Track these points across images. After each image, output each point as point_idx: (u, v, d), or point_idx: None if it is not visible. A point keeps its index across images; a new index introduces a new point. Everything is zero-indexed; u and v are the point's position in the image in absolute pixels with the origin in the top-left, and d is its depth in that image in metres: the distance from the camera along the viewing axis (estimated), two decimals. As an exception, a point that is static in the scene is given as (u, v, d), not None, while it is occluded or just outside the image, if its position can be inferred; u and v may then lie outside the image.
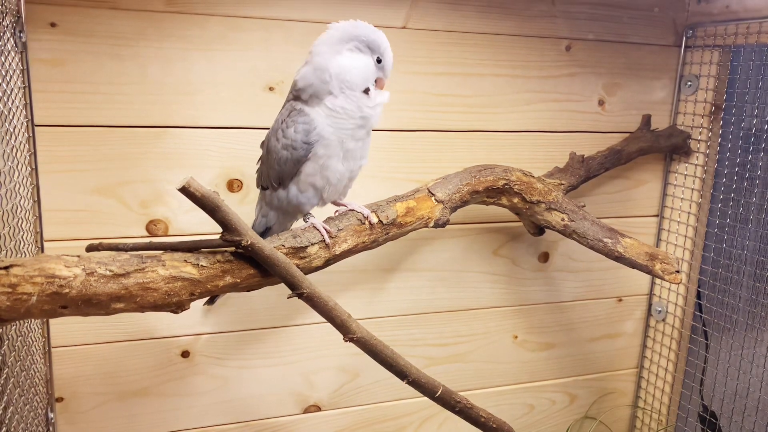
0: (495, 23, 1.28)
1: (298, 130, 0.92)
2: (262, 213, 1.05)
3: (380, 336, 0.97)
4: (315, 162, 0.94)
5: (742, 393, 1.36)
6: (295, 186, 0.97)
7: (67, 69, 1.05)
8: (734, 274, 1.38)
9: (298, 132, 0.92)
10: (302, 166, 0.94)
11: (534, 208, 1.19)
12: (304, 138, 0.92)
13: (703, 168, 1.41)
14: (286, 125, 0.93)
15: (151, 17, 1.07)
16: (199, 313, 1.21)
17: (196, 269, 0.85)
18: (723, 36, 1.34)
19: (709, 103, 1.39)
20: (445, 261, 1.37)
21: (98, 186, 1.10)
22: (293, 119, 0.93)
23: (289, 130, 0.93)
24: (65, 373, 1.16)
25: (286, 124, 0.93)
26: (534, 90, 1.34)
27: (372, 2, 1.19)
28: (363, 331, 0.94)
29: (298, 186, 0.96)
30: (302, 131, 0.92)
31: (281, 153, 0.94)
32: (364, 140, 0.97)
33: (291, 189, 0.97)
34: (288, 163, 0.94)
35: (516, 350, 1.47)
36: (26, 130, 1.02)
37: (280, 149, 0.94)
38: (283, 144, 0.93)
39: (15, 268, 0.73)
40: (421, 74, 1.25)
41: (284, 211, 1.01)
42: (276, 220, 1.03)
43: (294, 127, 0.92)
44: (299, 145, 0.92)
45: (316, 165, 0.94)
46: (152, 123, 1.11)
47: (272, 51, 1.15)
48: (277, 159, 0.95)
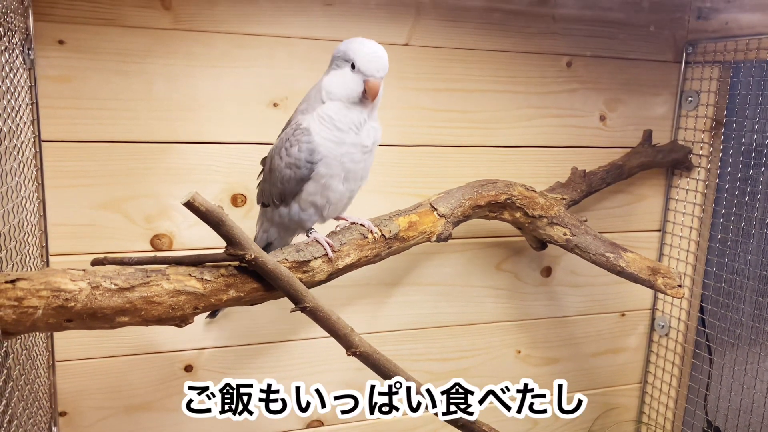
0: (496, 40, 1.29)
1: (302, 149, 0.93)
2: (263, 229, 1.06)
3: (383, 350, 0.98)
4: (317, 181, 0.95)
5: (746, 408, 1.35)
6: (297, 204, 0.98)
7: (74, 85, 1.06)
8: (737, 288, 1.38)
9: (302, 151, 0.93)
10: (304, 185, 0.95)
11: (536, 223, 1.19)
12: (307, 157, 0.93)
13: (704, 183, 1.42)
14: (290, 144, 0.94)
15: (158, 34, 1.09)
16: (203, 327, 1.21)
17: (200, 283, 0.86)
18: (723, 52, 1.35)
19: (710, 119, 1.40)
20: (448, 275, 1.37)
21: (104, 201, 1.11)
22: (297, 138, 0.94)
23: (292, 149, 0.94)
24: (69, 387, 1.16)
25: (290, 143, 0.94)
26: (536, 105, 1.35)
27: (375, 20, 1.20)
28: (366, 346, 0.95)
29: (300, 204, 0.97)
30: (306, 150, 0.93)
31: (284, 172, 0.95)
32: (364, 162, 0.98)
33: (293, 207, 0.98)
34: (291, 182, 0.95)
35: (519, 365, 1.47)
36: (33, 146, 1.03)
37: (283, 168, 0.95)
38: (287, 163, 0.94)
39: (21, 281, 0.74)
40: (424, 90, 1.26)
41: (285, 228, 1.02)
42: (277, 236, 1.04)
43: (298, 146, 0.93)
44: (303, 164, 0.93)
45: (318, 184, 0.95)
46: (157, 138, 1.12)
47: (276, 68, 1.16)
48: (281, 177, 0.96)
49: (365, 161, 0.98)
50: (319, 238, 0.97)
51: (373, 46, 0.93)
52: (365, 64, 0.92)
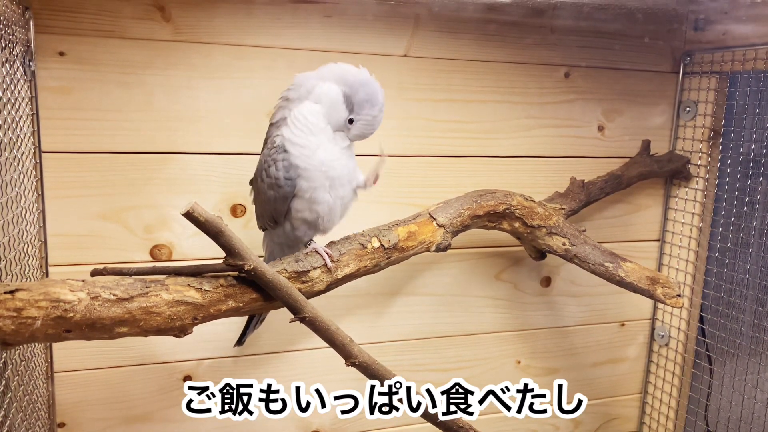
0: (495, 51, 1.30)
1: (279, 168, 0.92)
2: (268, 250, 1.06)
3: (382, 361, 0.98)
4: (301, 197, 0.94)
5: (747, 418, 1.34)
6: (289, 223, 0.97)
7: (74, 97, 1.07)
8: (736, 298, 1.38)
9: (279, 170, 0.92)
10: (291, 202, 0.94)
11: (535, 233, 1.20)
12: (285, 174, 0.92)
13: (703, 192, 1.42)
14: (267, 164, 0.94)
15: (158, 46, 1.10)
16: (201, 337, 1.21)
17: (199, 293, 0.86)
18: (720, 62, 1.36)
19: (708, 129, 1.40)
20: (447, 285, 1.37)
21: (103, 211, 1.12)
22: (273, 158, 0.93)
23: (270, 170, 0.93)
24: (67, 398, 1.16)
25: (267, 163, 0.94)
26: (534, 116, 1.36)
27: (373, 31, 1.21)
28: (365, 356, 0.95)
29: (291, 222, 0.97)
30: (282, 168, 0.92)
31: (269, 193, 0.94)
32: (346, 162, 0.96)
33: (285, 226, 0.98)
34: (277, 202, 0.94)
35: (519, 375, 1.46)
36: (33, 157, 1.04)
37: (266, 189, 0.94)
38: (268, 184, 0.94)
39: (20, 292, 0.74)
40: (423, 101, 1.27)
41: (287, 245, 1.02)
42: (281, 254, 1.03)
43: (275, 165, 0.92)
44: (283, 182, 0.92)
45: (303, 200, 0.94)
46: (157, 149, 1.13)
47: (276, 79, 1.17)
48: (266, 199, 0.95)
49: (347, 162, 0.96)
50: (318, 249, 0.97)
51: (378, 110, 0.93)
52: (362, 126, 0.93)
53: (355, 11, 1.19)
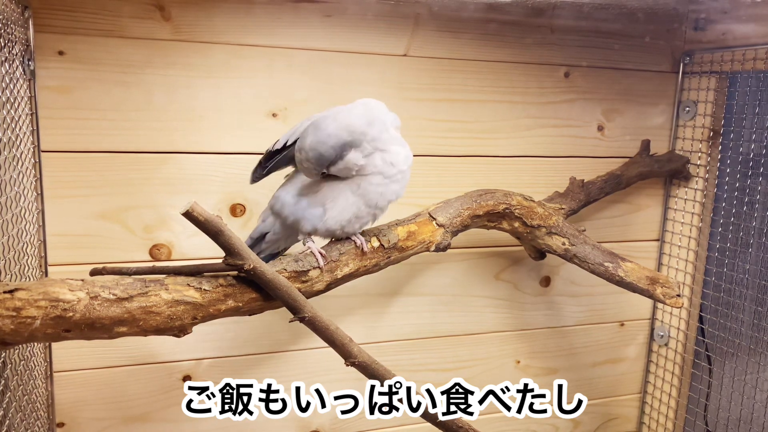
0: (495, 51, 1.30)
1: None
2: (262, 218, 1.04)
3: (382, 361, 0.97)
4: (354, 181, 0.95)
5: (746, 418, 1.35)
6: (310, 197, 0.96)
7: (73, 96, 1.07)
8: (736, 298, 1.38)
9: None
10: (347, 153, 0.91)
11: (535, 233, 1.20)
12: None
13: (702, 192, 1.42)
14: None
15: (157, 45, 1.10)
16: (201, 337, 1.21)
17: (198, 293, 0.86)
18: (720, 62, 1.36)
19: (708, 129, 1.40)
20: (447, 285, 1.37)
21: (103, 211, 1.12)
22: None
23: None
24: (66, 397, 1.15)
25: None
26: (534, 116, 1.35)
27: (373, 31, 1.21)
28: (364, 356, 0.94)
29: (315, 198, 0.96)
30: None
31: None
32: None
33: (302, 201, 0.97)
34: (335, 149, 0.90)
35: (519, 375, 1.46)
36: (33, 156, 1.04)
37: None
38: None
39: (20, 291, 0.74)
40: (423, 100, 1.27)
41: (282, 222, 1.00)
42: (271, 229, 1.02)
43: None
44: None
45: (354, 184, 0.95)
46: (157, 149, 1.12)
47: (275, 78, 1.17)
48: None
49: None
50: (312, 248, 0.96)
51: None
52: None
53: (355, 11, 1.19)
